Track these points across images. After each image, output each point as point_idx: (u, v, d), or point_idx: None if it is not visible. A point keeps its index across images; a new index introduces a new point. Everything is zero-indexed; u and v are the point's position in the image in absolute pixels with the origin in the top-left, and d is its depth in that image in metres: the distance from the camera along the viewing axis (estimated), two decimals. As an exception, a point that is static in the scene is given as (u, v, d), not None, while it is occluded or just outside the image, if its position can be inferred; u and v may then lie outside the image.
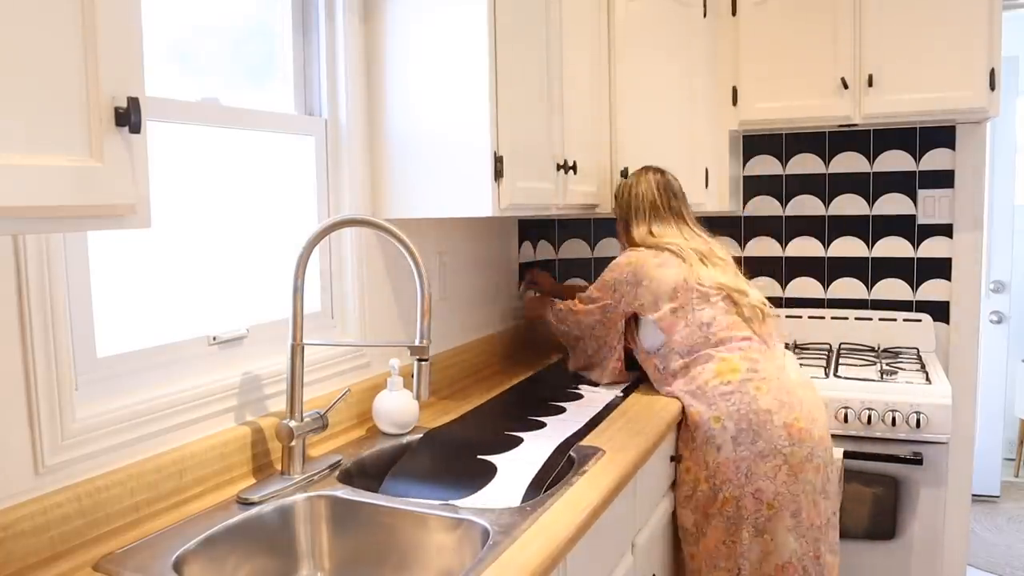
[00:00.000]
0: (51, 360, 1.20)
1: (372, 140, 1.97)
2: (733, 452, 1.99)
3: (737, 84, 2.72)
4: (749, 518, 1.99)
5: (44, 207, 0.83)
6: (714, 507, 2.02)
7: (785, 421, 2.00)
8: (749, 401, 2.00)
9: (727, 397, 2.02)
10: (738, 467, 1.99)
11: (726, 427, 2.00)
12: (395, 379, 1.84)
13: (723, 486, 2.00)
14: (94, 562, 1.18)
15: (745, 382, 2.03)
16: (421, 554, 1.39)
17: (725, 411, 2.01)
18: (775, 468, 1.98)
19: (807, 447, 2.00)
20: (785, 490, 1.98)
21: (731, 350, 2.08)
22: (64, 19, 0.85)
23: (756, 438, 1.98)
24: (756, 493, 1.98)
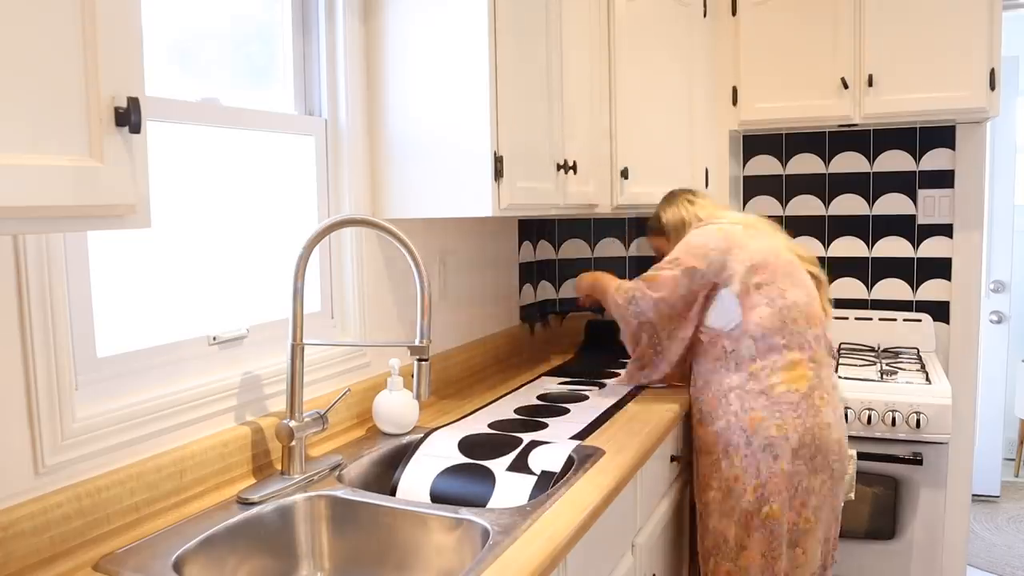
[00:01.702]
0: (51, 360, 1.20)
1: (372, 140, 1.97)
2: (791, 465, 1.92)
3: (737, 84, 2.72)
4: (788, 531, 1.95)
5: (44, 207, 0.83)
6: (757, 519, 1.95)
7: (838, 437, 1.97)
8: (815, 414, 1.94)
9: (795, 407, 1.94)
10: (791, 480, 1.93)
11: (789, 438, 1.92)
12: (395, 379, 1.84)
13: (771, 498, 1.93)
14: (94, 562, 1.18)
15: (812, 390, 1.95)
16: (421, 554, 1.39)
17: (792, 422, 1.93)
18: (822, 483, 1.95)
19: (843, 464, 2.00)
20: (823, 504, 1.96)
21: (803, 349, 1.97)
22: (64, 19, 0.85)
23: (815, 453, 1.93)
24: (800, 507, 1.94)
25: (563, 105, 2.21)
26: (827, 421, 1.95)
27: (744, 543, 1.96)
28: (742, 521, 1.96)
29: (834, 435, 1.96)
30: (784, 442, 1.92)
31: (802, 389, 1.95)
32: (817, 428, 1.93)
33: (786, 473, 1.92)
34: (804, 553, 1.96)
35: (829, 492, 1.97)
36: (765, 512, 1.93)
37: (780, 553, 1.94)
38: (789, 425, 1.93)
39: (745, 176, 3.11)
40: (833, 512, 2.01)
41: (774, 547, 1.94)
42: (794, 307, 1.98)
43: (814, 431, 1.93)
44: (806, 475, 1.93)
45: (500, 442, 1.70)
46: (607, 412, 2.00)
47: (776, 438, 1.92)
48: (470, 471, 1.59)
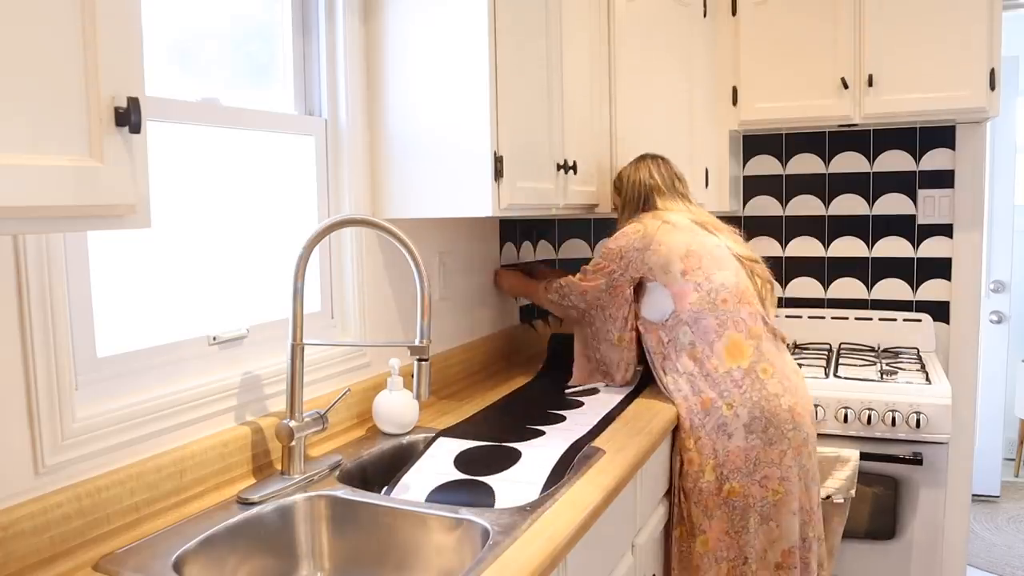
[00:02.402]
0: (51, 360, 1.20)
1: (372, 140, 1.97)
2: (744, 440, 1.97)
3: (737, 84, 2.72)
4: (755, 506, 1.97)
5: (44, 207, 0.83)
6: (719, 497, 1.99)
7: (789, 404, 2.00)
8: (760, 387, 1.99)
9: (739, 384, 1.99)
10: (747, 456, 1.97)
11: (739, 415, 1.97)
12: (395, 379, 1.84)
13: (731, 476, 1.97)
14: (94, 562, 1.18)
15: (754, 364, 2.01)
16: (421, 554, 1.39)
17: (739, 398, 1.98)
18: (780, 453, 1.98)
19: (803, 431, 2.01)
20: (790, 475, 1.98)
21: (738, 326, 2.04)
22: (64, 19, 0.85)
23: (767, 425, 1.97)
24: (763, 480, 1.97)
25: (563, 105, 2.21)
26: (773, 392, 1.98)
27: (704, 525, 2.00)
28: (701, 503, 2.00)
29: (783, 404, 1.98)
30: (735, 419, 1.97)
31: (743, 365, 2.01)
32: (764, 400, 1.97)
33: (742, 449, 1.97)
34: (778, 527, 1.98)
35: (792, 462, 1.98)
36: (726, 490, 1.98)
37: (745, 528, 1.97)
38: (736, 401, 1.98)
39: (745, 176, 3.11)
40: (803, 482, 2.01)
41: (736, 523, 1.97)
42: (722, 288, 2.06)
43: (761, 404, 1.97)
44: (761, 448, 1.97)
45: (498, 454, 1.68)
46: (608, 415, 1.99)
47: (727, 416, 1.98)
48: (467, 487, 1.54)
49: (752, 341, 2.03)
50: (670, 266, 2.09)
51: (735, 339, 2.03)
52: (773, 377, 2.01)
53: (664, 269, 2.10)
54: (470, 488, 1.51)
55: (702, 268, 2.08)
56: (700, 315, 2.05)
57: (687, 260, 2.09)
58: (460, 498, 1.49)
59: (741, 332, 2.04)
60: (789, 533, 1.98)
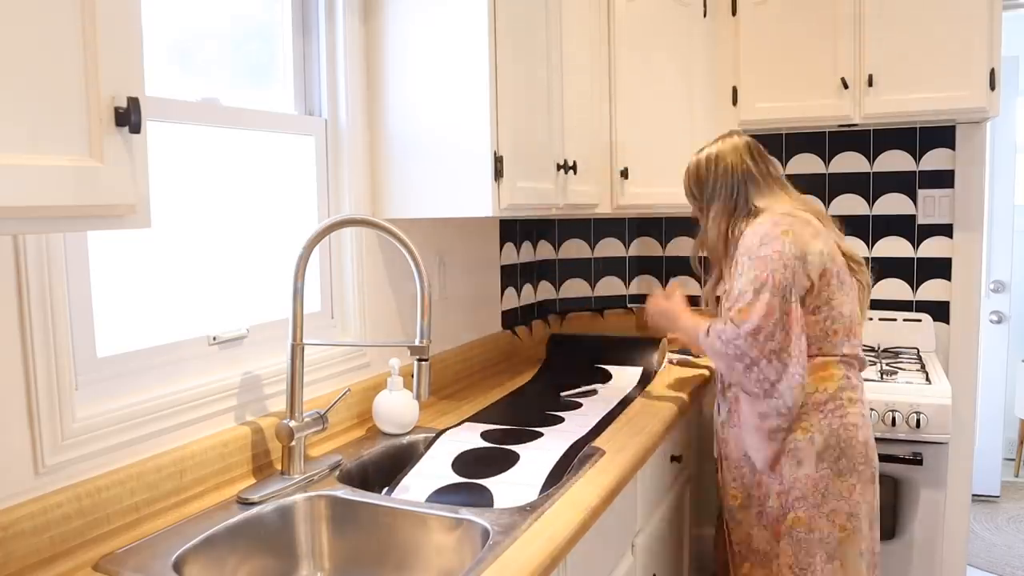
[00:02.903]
0: (51, 360, 1.20)
1: (372, 140, 1.97)
2: (814, 469, 1.81)
3: (737, 84, 2.72)
4: (822, 541, 1.82)
5: (44, 207, 0.83)
6: (783, 526, 1.84)
7: (866, 437, 1.86)
8: (842, 415, 1.82)
9: (820, 408, 1.82)
10: (816, 485, 1.81)
11: (814, 441, 1.81)
12: (395, 379, 1.84)
13: (796, 504, 1.82)
14: (94, 562, 1.18)
15: (840, 391, 1.84)
16: (421, 554, 1.39)
17: (816, 423, 1.82)
18: (851, 488, 1.82)
19: (873, 466, 1.88)
20: (858, 511, 1.83)
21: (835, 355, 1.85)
22: (64, 19, 0.85)
23: (840, 455, 1.81)
24: (831, 515, 1.82)
25: (563, 105, 2.21)
26: (853, 422, 1.83)
27: (775, 550, 1.87)
28: (769, 527, 1.87)
29: (860, 436, 1.84)
30: (809, 445, 1.81)
31: (830, 389, 1.83)
32: (843, 429, 1.82)
33: (810, 478, 1.81)
34: (843, 566, 1.82)
35: (862, 497, 1.83)
36: (791, 519, 1.83)
37: (811, 566, 1.82)
38: (814, 427, 1.82)
39: (745, 176, 3.11)
40: (869, 520, 1.87)
41: (802, 559, 1.83)
42: (839, 319, 1.85)
43: (839, 432, 1.81)
44: (831, 479, 1.81)
45: (497, 456, 1.68)
46: (610, 413, 1.99)
47: (800, 441, 1.82)
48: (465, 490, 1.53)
49: (844, 367, 1.86)
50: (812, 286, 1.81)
51: (828, 362, 1.85)
52: (856, 406, 1.85)
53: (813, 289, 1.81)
54: (468, 491, 1.51)
55: (829, 292, 1.83)
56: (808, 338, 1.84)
57: (822, 278, 1.82)
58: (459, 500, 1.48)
59: (836, 355, 1.86)
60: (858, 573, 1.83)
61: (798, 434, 1.83)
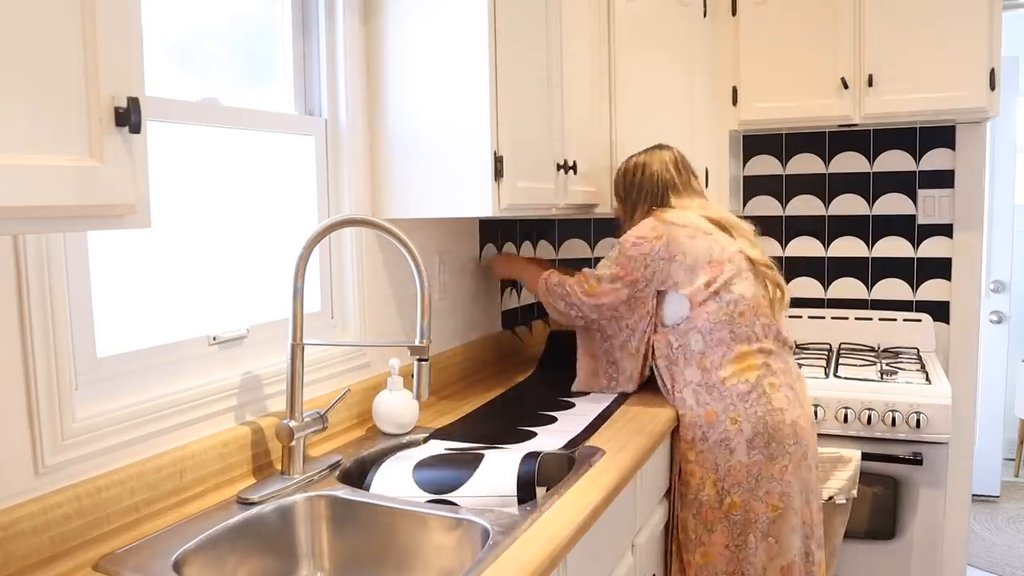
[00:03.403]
0: (51, 360, 1.20)
1: (372, 140, 1.97)
2: (747, 456, 1.94)
3: (737, 84, 2.72)
4: (756, 522, 1.94)
5: (44, 207, 0.83)
6: (719, 512, 1.96)
7: (793, 419, 1.97)
8: (766, 402, 1.95)
9: (744, 398, 1.96)
10: (749, 471, 1.94)
11: (743, 430, 1.94)
12: (395, 379, 1.84)
13: (731, 490, 1.95)
14: (94, 562, 1.18)
15: (761, 379, 1.97)
16: (421, 554, 1.39)
17: (743, 413, 1.95)
18: (782, 469, 1.95)
19: (804, 444, 1.99)
20: (789, 490, 1.95)
21: (751, 341, 1.99)
22: (64, 19, 0.85)
23: (769, 440, 1.94)
24: (765, 496, 1.94)
25: (563, 105, 2.21)
26: (778, 406, 1.95)
27: (703, 538, 1.97)
28: (701, 515, 1.97)
29: (787, 418, 1.95)
30: (738, 434, 1.94)
31: (751, 379, 1.97)
32: (768, 415, 1.94)
33: (743, 465, 1.94)
34: (778, 543, 1.95)
35: (794, 476, 1.95)
36: (727, 504, 1.95)
37: (745, 544, 1.94)
38: (741, 416, 1.94)
39: (745, 176, 3.11)
40: (804, 495, 1.98)
41: (736, 538, 1.95)
42: (740, 300, 2.00)
43: (765, 419, 1.94)
44: (763, 463, 1.94)
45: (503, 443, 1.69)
46: (606, 412, 1.99)
47: (730, 431, 1.95)
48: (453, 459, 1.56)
49: (762, 355, 1.99)
50: (695, 278, 2.01)
51: (746, 352, 1.99)
52: (779, 391, 1.98)
53: (689, 280, 2.01)
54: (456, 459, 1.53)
55: (723, 277, 2.01)
56: (716, 326, 1.99)
57: (709, 269, 2.01)
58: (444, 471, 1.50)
59: (753, 346, 2.00)
60: (789, 549, 1.96)
61: (728, 424, 1.96)
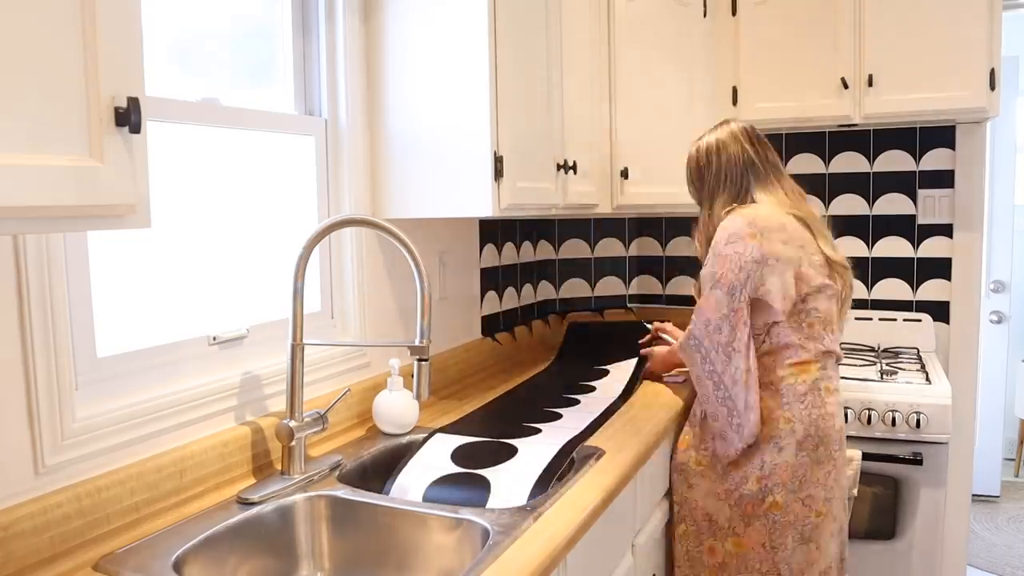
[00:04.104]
0: (51, 360, 1.20)
1: (372, 140, 1.97)
2: (794, 457, 1.88)
3: (737, 84, 2.72)
4: (796, 524, 1.89)
5: (44, 207, 0.83)
6: (760, 508, 1.90)
7: (840, 425, 1.95)
8: (821, 404, 1.90)
9: (802, 399, 1.90)
10: (795, 472, 1.88)
11: (795, 430, 1.88)
12: (395, 379, 1.84)
13: (775, 489, 1.89)
14: (94, 562, 1.18)
15: (818, 381, 1.91)
16: (421, 554, 1.39)
17: (799, 414, 1.89)
18: (826, 474, 1.91)
19: (845, 453, 1.98)
20: (831, 496, 1.92)
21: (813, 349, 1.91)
22: (64, 19, 0.85)
23: (819, 444, 1.89)
24: (807, 500, 1.89)
25: (563, 105, 2.21)
26: (831, 411, 1.92)
27: (737, 528, 1.92)
28: (740, 506, 1.91)
29: (836, 425, 1.93)
30: (790, 434, 1.88)
31: (808, 380, 1.91)
32: (822, 419, 1.90)
33: (789, 465, 1.88)
34: (818, 548, 1.90)
35: (835, 483, 1.93)
36: (769, 502, 1.89)
37: (783, 546, 1.89)
38: (796, 416, 1.89)
39: (745, 176, 3.11)
40: (842, 501, 1.97)
41: (775, 539, 1.90)
42: (814, 312, 1.92)
43: (819, 423, 1.89)
44: (809, 466, 1.89)
45: (495, 449, 1.68)
46: (601, 417, 1.97)
47: (783, 430, 1.89)
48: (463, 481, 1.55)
49: (821, 360, 1.93)
50: (786, 290, 1.88)
51: (806, 357, 1.92)
52: (832, 395, 1.94)
53: (780, 293, 1.87)
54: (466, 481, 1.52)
55: (805, 289, 1.89)
56: (783, 331, 1.90)
57: (797, 284, 1.89)
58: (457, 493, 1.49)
59: (813, 353, 1.92)
60: (827, 555, 1.92)
61: (781, 423, 1.89)
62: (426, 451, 1.68)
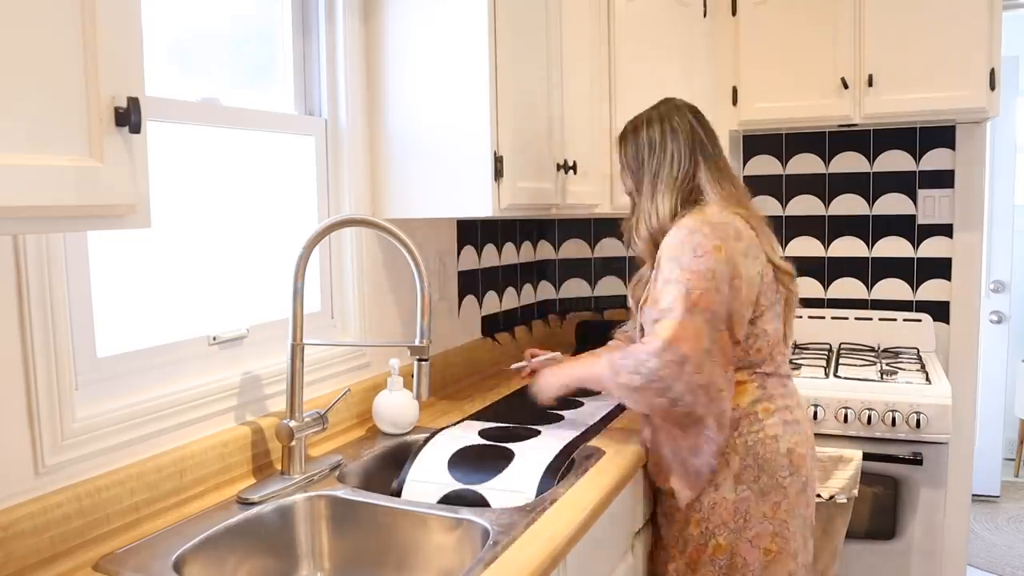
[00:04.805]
0: (51, 360, 1.20)
1: (372, 140, 1.97)
2: (733, 492, 1.65)
3: (737, 84, 2.72)
4: (744, 567, 1.66)
5: (44, 207, 0.83)
6: (704, 555, 1.68)
7: (788, 447, 1.67)
8: (757, 429, 1.66)
9: (734, 426, 1.65)
10: (736, 509, 1.65)
11: (729, 463, 1.65)
12: (395, 379, 1.84)
13: (716, 531, 1.66)
14: (94, 562, 1.18)
15: (753, 404, 1.67)
16: (421, 554, 1.39)
17: (731, 444, 1.65)
18: (774, 506, 1.66)
19: (802, 477, 1.69)
20: (783, 530, 1.67)
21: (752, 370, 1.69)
22: (64, 19, 0.85)
23: (760, 473, 1.65)
24: (754, 539, 1.66)
25: (563, 105, 2.21)
26: (772, 434, 1.66)
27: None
28: (687, 555, 1.70)
29: (782, 447, 1.66)
30: (724, 467, 1.65)
31: (743, 405, 1.67)
32: (759, 445, 1.65)
33: (729, 502, 1.65)
34: None
35: (787, 515, 1.66)
36: (712, 547, 1.67)
37: None
38: (729, 447, 1.65)
39: (745, 176, 3.11)
40: (802, 535, 1.71)
41: None
42: (762, 336, 1.68)
43: (756, 449, 1.65)
44: (751, 500, 1.65)
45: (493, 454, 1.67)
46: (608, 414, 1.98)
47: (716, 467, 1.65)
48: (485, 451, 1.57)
49: (759, 378, 1.69)
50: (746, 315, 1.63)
51: (741, 378, 1.68)
52: (774, 416, 1.68)
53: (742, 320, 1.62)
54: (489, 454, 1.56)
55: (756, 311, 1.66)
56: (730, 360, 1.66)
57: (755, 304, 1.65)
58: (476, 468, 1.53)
59: (752, 375, 1.69)
60: None
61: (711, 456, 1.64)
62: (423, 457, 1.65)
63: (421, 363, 1.47)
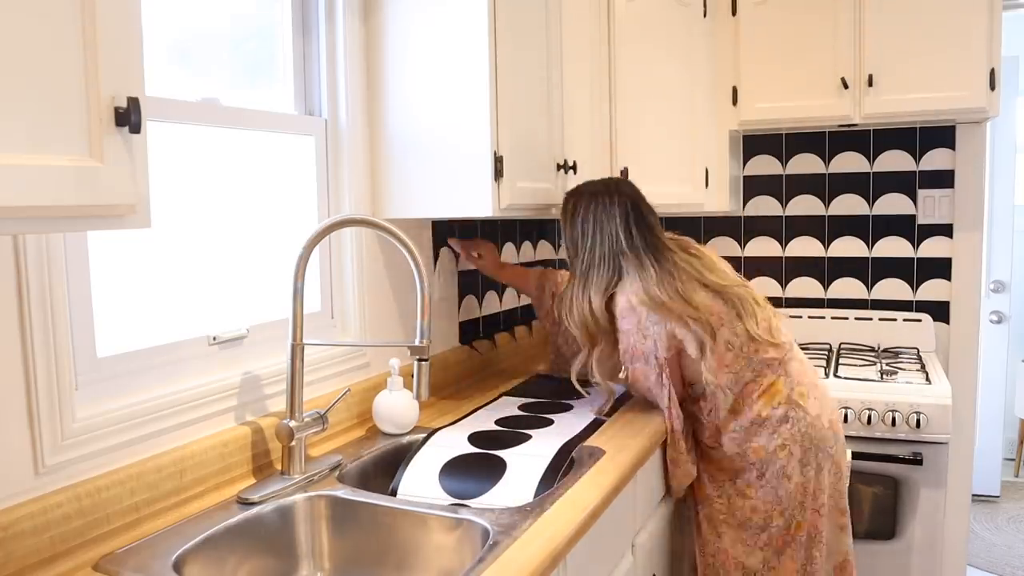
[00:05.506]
0: (51, 360, 1.20)
1: (372, 140, 1.96)
2: (802, 476, 1.89)
3: (737, 84, 2.72)
4: (818, 535, 1.91)
5: (44, 207, 0.83)
6: (788, 535, 1.91)
7: (829, 419, 1.94)
8: (803, 414, 1.89)
9: (785, 420, 1.88)
10: (806, 489, 1.89)
11: (792, 453, 1.88)
12: (395, 379, 1.84)
13: (795, 512, 1.90)
14: (94, 562, 1.18)
15: (789, 395, 1.90)
16: (421, 554, 1.39)
17: (789, 436, 1.88)
18: (829, 474, 1.92)
19: (840, 440, 1.97)
20: (833, 490, 1.94)
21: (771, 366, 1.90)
22: (64, 19, 0.85)
23: (817, 452, 1.89)
24: (820, 508, 1.91)
25: (563, 105, 2.21)
26: (815, 413, 1.91)
27: (771, 562, 1.92)
28: (773, 545, 1.92)
29: (824, 422, 1.92)
30: (790, 458, 1.88)
31: (782, 400, 1.89)
32: (810, 428, 1.89)
33: (800, 485, 1.89)
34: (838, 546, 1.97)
35: (836, 478, 1.95)
36: (794, 526, 1.91)
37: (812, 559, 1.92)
38: (788, 439, 1.88)
39: (745, 176, 3.11)
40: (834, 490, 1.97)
41: (808, 555, 1.92)
42: (750, 339, 1.88)
43: (810, 434, 1.89)
44: (815, 475, 1.90)
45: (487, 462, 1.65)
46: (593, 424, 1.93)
47: (782, 459, 1.89)
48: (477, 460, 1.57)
49: (781, 369, 1.91)
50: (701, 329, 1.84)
51: (770, 380, 1.90)
52: (808, 396, 1.91)
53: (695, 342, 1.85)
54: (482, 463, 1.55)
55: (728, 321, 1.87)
56: (739, 374, 1.89)
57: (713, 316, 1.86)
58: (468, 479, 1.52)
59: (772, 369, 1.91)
60: (841, 548, 1.98)
61: (780, 455, 1.89)
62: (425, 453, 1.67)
63: (421, 363, 1.47)
